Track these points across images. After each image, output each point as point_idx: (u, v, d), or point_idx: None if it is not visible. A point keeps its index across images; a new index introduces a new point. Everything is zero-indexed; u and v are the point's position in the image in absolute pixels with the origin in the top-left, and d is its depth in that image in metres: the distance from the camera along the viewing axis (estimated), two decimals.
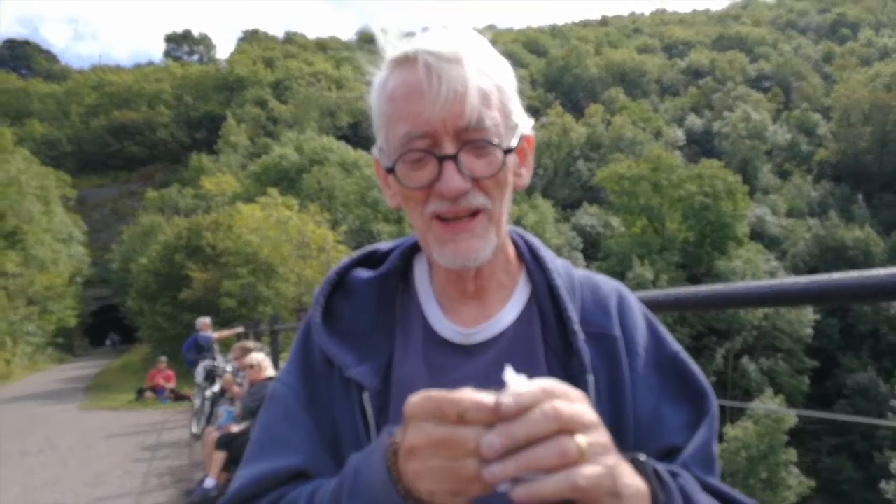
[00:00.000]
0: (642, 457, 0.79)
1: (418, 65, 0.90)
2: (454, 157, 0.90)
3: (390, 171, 0.95)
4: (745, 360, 37.56)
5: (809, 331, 38.28)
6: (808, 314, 38.03)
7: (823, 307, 36.20)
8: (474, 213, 0.94)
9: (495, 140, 0.92)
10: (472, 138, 0.91)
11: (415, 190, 0.93)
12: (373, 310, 1.04)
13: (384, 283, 1.06)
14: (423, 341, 1.00)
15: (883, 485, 26.81)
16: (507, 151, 0.94)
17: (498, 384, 0.75)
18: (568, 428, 0.64)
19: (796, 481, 27.56)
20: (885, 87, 59.69)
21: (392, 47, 0.96)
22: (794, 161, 61.69)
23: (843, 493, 32.63)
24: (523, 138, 1.00)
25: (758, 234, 47.15)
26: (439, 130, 0.89)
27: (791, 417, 26.49)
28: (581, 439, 0.64)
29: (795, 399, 35.20)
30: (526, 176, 1.03)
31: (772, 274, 39.86)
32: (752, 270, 39.59)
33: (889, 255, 44.22)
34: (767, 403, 28.32)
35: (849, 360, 39.05)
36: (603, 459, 0.67)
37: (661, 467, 0.83)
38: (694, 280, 41.67)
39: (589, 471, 0.64)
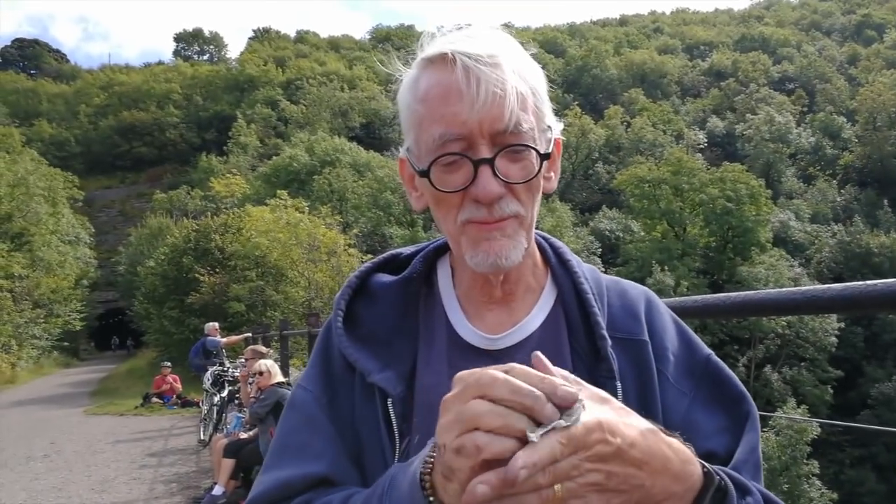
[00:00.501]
0: (718, 475, 0.79)
1: (456, 66, 0.89)
2: (491, 162, 0.89)
3: (424, 174, 0.93)
4: (767, 369, 36.97)
5: (833, 339, 37.56)
6: (833, 322, 37.28)
7: (852, 315, 35.44)
8: (504, 217, 0.93)
9: (531, 144, 0.91)
10: (510, 142, 0.90)
11: (449, 194, 0.92)
12: (395, 315, 1.03)
13: (407, 287, 1.05)
14: (448, 347, 1.00)
15: None
16: (544, 157, 0.93)
17: None
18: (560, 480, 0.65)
19: (818, 493, 27.01)
20: None
21: (427, 45, 0.95)
22: (818, 165, 60.61)
23: None
24: (553, 143, 0.98)
25: (781, 240, 46.32)
26: (475, 133, 0.88)
27: (814, 428, 26.15)
28: (558, 488, 0.65)
29: (819, 409, 34.55)
30: (554, 179, 1.02)
31: (795, 280, 39.29)
32: (775, 277, 38.90)
33: None
34: (790, 414, 27.59)
35: (873, 369, 38.32)
36: None
37: (732, 483, 0.82)
38: (715, 287, 40.89)
39: None
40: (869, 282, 1.34)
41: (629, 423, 0.69)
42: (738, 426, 0.97)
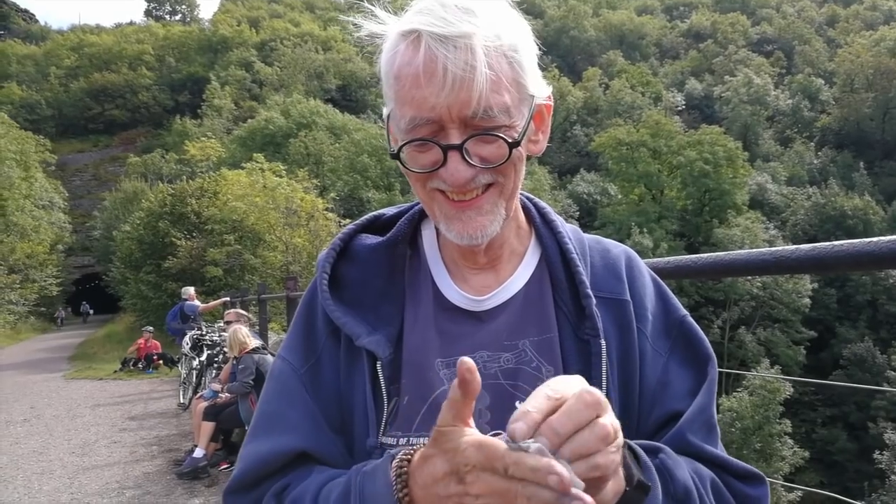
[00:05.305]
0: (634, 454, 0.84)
1: (426, 48, 0.86)
2: (459, 148, 0.88)
3: (395, 157, 0.94)
4: (742, 330, 37.34)
5: (807, 301, 37.95)
6: (806, 284, 37.62)
7: (821, 276, 35.94)
8: (486, 188, 0.92)
9: (504, 126, 0.89)
10: (480, 126, 0.88)
11: (420, 173, 0.92)
12: (381, 277, 1.03)
13: (392, 249, 1.04)
14: (434, 309, 1.00)
15: (876, 455, 26.60)
16: (514, 145, 0.90)
17: (509, 349, 0.95)
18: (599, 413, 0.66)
19: (790, 452, 27.62)
20: (889, 52, 58.51)
21: (404, 15, 0.92)
22: (795, 128, 60.63)
23: (836, 464, 32.75)
24: (540, 107, 0.97)
25: (758, 203, 46.55)
26: (445, 118, 0.87)
27: (786, 388, 26.57)
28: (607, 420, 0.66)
29: (792, 370, 35.18)
30: (542, 141, 1.00)
31: (770, 242, 39.61)
32: (750, 239, 39.22)
33: (889, 224, 43.78)
34: (764, 374, 28.11)
35: (846, 330, 38.85)
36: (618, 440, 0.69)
37: (638, 446, 0.86)
38: (692, 249, 41.19)
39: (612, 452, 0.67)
40: (836, 242, 1.36)
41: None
42: (699, 387, 0.99)
